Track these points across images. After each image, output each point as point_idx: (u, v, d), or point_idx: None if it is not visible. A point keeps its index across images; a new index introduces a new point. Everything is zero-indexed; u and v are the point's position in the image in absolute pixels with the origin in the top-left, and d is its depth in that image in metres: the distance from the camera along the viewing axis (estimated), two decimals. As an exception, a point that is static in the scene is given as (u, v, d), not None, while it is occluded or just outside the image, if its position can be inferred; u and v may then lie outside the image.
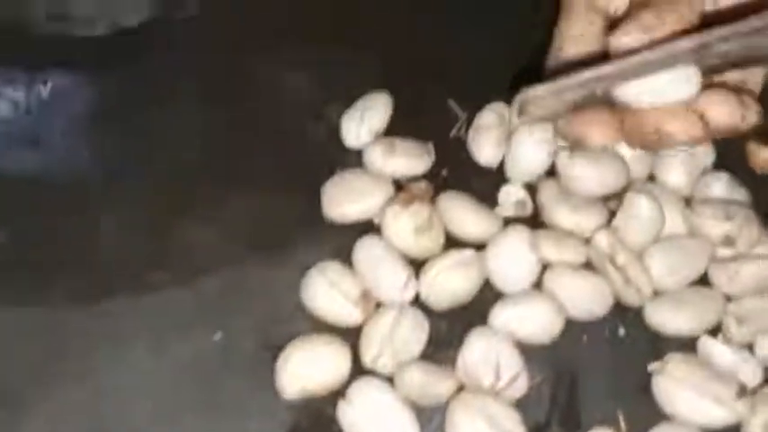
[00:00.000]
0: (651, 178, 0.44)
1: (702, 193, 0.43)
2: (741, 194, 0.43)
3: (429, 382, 0.37)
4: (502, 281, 0.41)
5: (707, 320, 0.40)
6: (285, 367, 0.38)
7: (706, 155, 0.44)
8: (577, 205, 0.43)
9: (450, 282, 0.40)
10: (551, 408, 0.39)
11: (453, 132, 0.46)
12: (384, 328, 0.39)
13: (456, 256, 0.41)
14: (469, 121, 0.46)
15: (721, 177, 0.43)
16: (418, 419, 0.38)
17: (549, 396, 0.40)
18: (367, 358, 0.38)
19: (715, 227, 0.41)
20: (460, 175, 0.45)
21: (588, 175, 0.42)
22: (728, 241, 0.41)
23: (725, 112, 0.37)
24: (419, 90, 0.46)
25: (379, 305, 0.40)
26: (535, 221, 0.43)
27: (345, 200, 0.42)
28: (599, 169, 0.42)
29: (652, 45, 0.37)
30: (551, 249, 0.41)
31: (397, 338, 0.38)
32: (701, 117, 0.37)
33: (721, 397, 0.37)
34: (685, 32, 0.37)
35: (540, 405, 0.39)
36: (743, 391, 0.38)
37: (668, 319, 0.40)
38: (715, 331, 0.41)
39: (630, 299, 0.41)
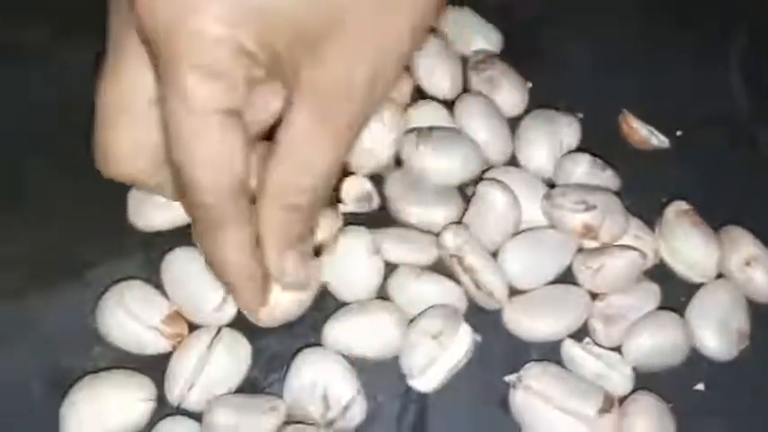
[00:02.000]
0: (513, 161, 0.40)
1: (564, 177, 0.38)
2: (607, 178, 0.38)
3: (246, 423, 0.32)
4: (341, 290, 0.36)
5: (571, 322, 0.36)
6: (71, 413, 0.32)
7: (569, 133, 0.40)
8: (427, 198, 0.38)
9: (276, 294, 0.34)
10: (399, 428, 0.34)
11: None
12: (193, 357, 0.33)
13: None
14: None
15: (582, 160, 0.38)
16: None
17: (394, 418, 0.35)
18: (172, 395, 0.33)
19: (574, 217, 0.36)
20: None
21: (438, 164, 0.37)
22: (590, 232, 0.36)
23: None
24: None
25: (193, 328, 0.35)
26: (382, 218, 0.38)
27: (152, 206, 0.36)
28: (450, 156, 0.38)
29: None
30: (395, 250, 0.36)
31: (210, 369, 0.33)
32: None
33: (583, 413, 0.33)
34: None
35: (384, 429, 0.34)
36: (608, 405, 0.33)
37: (527, 323, 0.36)
38: (582, 333, 0.37)
39: (484, 303, 0.36)
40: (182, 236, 0.36)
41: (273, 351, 0.35)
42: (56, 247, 0.36)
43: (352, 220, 0.38)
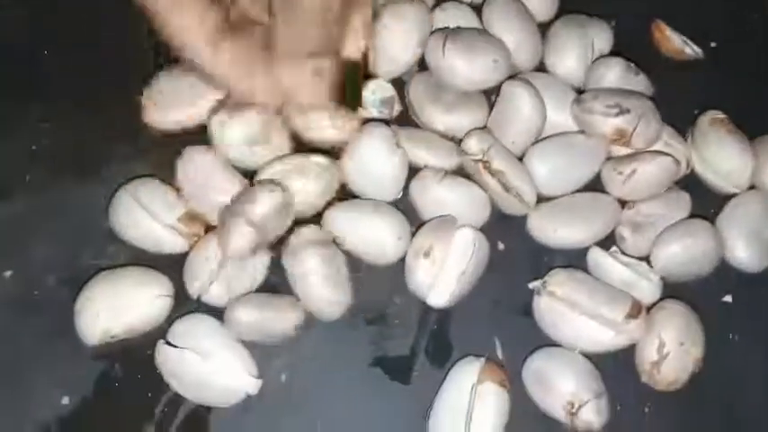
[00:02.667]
0: (541, 68, 0.39)
1: (595, 82, 0.36)
2: (640, 84, 0.36)
3: (268, 318, 0.31)
4: (364, 188, 0.35)
5: (598, 230, 0.35)
6: (85, 307, 0.31)
7: (602, 38, 0.38)
8: (452, 103, 0.37)
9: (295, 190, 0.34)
10: (418, 335, 0.34)
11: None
12: (212, 255, 0.32)
13: (297, 159, 0.34)
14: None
15: (616, 64, 0.36)
16: (258, 361, 0.32)
17: (416, 321, 0.34)
18: (193, 288, 0.32)
19: (607, 121, 0.34)
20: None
21: (464, 66, 0.36)
22: (623, 137, 0.35)
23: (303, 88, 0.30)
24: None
25: (209, 229, 0.34)
26: (404, 124, 0.37)
27: (168, 103, 0.35)
28: (477, 58, 0.36)
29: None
30: (416, 150, 0.35)
31: (230, 266, 0.32)
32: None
33: (610, 318, 0.32)
34: None
35: (406, 332, 0.34)
36: (636, 311, 0.33)
37: (554, 229, 0.35)
38: (608, 241, 0.36)
39: (511, 208, 0.35)
40: (196, 136, 0.35)
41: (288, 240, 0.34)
42: (70, 143, 0.35)
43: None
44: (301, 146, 0.36)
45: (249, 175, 0.35)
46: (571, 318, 0.33)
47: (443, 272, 0.33)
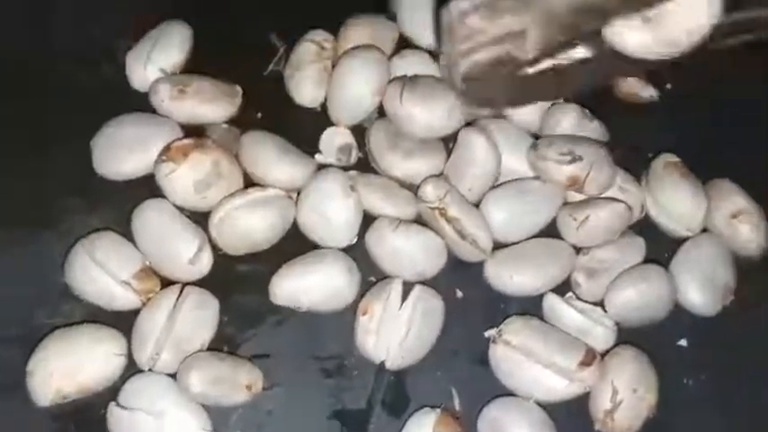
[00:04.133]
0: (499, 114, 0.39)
1: (551, 128, 0.37)
2: (595, 129, 0.37)
3: (222, 377, 0.31)
4: (315, 233, 0.35)
5: (554, 276, 0.35)
6: (37, 368, 0.31)
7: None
8: (410, 149, 0.37)
9: (242, 224, 0.34)
10: (375, 387, 0.34)
11: (271, 68, 0.40)
12: (159, 320, 0.32)
13: (250, 194, 0.34)
14: (289, 55, 0.40)
15: (570, 110, 0.37)
16: (214, 417, 0.32)
17: (373, 373, 0.34)
18: (141, 358, 0.32)
19: (560, 168, 0.35)
20: (279, 116, 0.38)
21: (422, 114, 0.36)
22: (575, 184, 0.35)
23: None
24: (228, 18, 0.39)
25: (166, 284, 0.34)
26: (363, 172, 0.37)
27: (119, 153, 0.35)
28: (435, 106, 0.36)
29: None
30: (375, 200, 0.35)
31: (177, 330, 0.32)
32: None
33: (564, 366, 0.32)
34: None
35: (364, 384, 0.34)
36: (589, 358, 0.33)
37: (510, 276, 0.35)
38: (565, 287, 0.36)
39: (467, 255, 0.35)
40: (153, 185, 0.35)
41: (249, 306, 0.34)
42: (25, 197, 0.35)
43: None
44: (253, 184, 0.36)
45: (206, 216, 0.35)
46: (526, 366, 0.33)
47: (384, 329, 0.33)
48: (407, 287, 0.35)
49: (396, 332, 0.33)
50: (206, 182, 0.34)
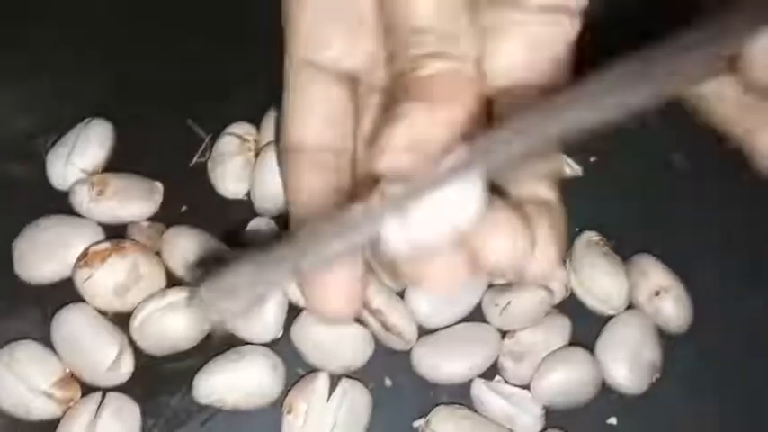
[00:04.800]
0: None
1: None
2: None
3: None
4: (240, 329, 0.35)
5: (480, 362, 0.35)
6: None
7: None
8: (333, 239, 0.37)
9: (162, 326, 0.34)
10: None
11: (195, 160, 0.40)
12: (80, 427, 0.32)
13: (170, 296, 0.34)
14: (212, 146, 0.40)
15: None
16: None
17: (302, 470, 0.34)
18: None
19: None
20: (204, 209, 0.38)
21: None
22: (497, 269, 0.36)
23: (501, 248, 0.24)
24: (151, 112, 0.39)
25: (89, 389, 0.33)
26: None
27: (39, 256, 0.35)
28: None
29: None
30: (300, 294, 0.35)
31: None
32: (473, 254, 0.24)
33: (491, 456, 0.33)
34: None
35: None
36: (516, 446, 0.33)
37: (438, 364, 0.35)
38: (494, 371, 0.36)
39: (393, 344, 0.35)
40: (74, 290, 0.35)
41: (174, 407, 0.34)
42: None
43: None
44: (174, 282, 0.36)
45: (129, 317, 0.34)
46: (454, 457, 0.33)
47: (310, 425, 0.33)
48: (335, 379, 0.35)
49: (323, 429, 0.33)
50: (125, 285, 0.34)
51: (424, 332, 0.36)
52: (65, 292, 0.35)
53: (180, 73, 0.40)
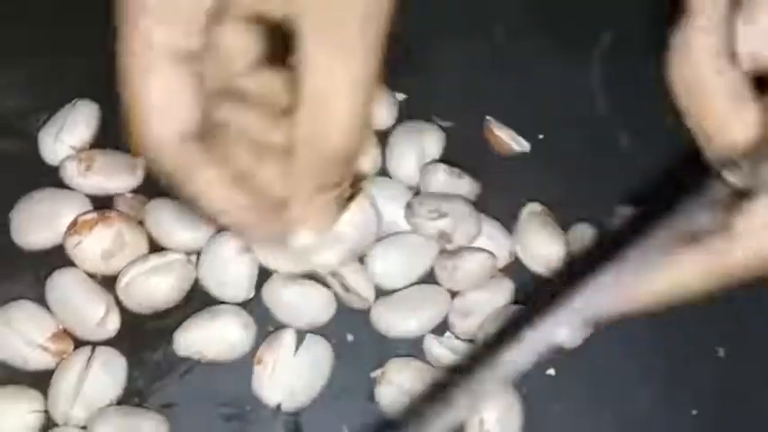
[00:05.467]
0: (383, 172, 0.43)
1: (425, 186, 0.41)
2: (464, 185, 0.41)
3: (127, 430, 0.35)
4: (215, 290, 0.39)
5: (432, 319, 0.39)
6: (-40, 426, 0.35)
7: (432, 143, 0.42)
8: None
9: (146, 287, 0.38)
10: (273, 427, 0.37)
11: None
12: (71, 378, 0.36)
13: (151, 260, 0.38)
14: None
15: (440, 170, 0.41)
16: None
17: (270, 416, 0.38)
18: (56, 415, 0.36)
19: (430, 224, 0.39)
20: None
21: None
22: (444, 237, 0.39)
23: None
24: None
25: (78, 345, 0.37)
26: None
27: (34, 225, 0.39)
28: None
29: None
30: (269, 258, 0.39)
31: (87, 387, 0.36)
32: None
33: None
34: None
35: (262, 426, 0.37)
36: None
37: (394, 321, 0.39)
38: (445, 327, 0.40)
39: (354, 304, 0.39)
40: (65, 255, 0.38)
41: (155, 361, 0.38)
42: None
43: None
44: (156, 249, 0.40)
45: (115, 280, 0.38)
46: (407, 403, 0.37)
47: (277, 376, 0.37)
48: (301, 335, 0.39)
49: (289, 378, 0.37)
50: (111, 251, 0.38)
51: (382, 293, 0.40)
52: (57, 258, 0.39)
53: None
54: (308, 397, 0.38)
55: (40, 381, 0.37)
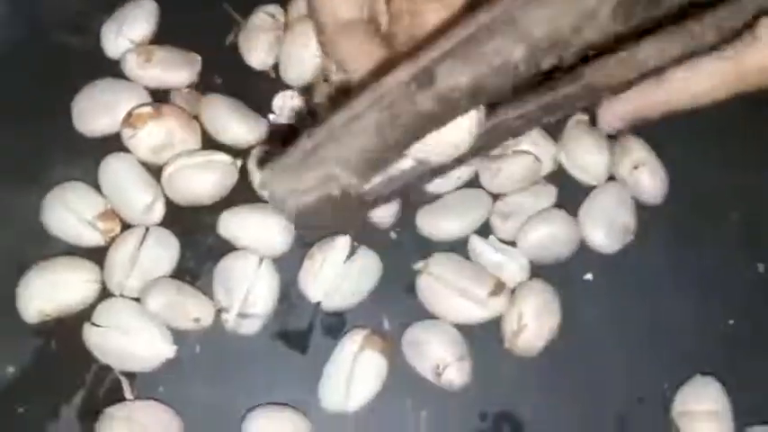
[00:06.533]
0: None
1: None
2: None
3: (179, 301, 0.37)
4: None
5: (474, 220, 0.40)
6: (24, 291, 0.37)
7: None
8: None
9: (188, 181, 0.39)
10: (315, 312, 0.39)
11: (230, 38, 0.45)
12: (126, 251, 0.38)
13: (197, 157, 0.39)
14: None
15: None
16: (174, 334, 0.37)
17: (312, 301, 0.39)
18: (112, 285, 0.38)
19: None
20: (236, 81, 0.43)
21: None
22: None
23: None
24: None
25: (125, 226, 0.39)
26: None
27: (95, 113, 0.40)
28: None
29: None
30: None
31: (143, 260, 0.38)
32: None
33: (476, 294, 0.38)
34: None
35: (305, 310, 0.39)
36: (498, 288, 0.38)
37: (437, 224, 0.40)
38: (487, 227, 0.41)
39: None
40: (120, 141, 0.40)
41: (207, 245, 0.40)
42: (14, 151, 0.40)
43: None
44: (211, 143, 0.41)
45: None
46: (445, 294, 0.38)
47: (323, 276, 0.38)
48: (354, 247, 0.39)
49: (333, 280, 0.38)
50: (162, 146, 0.39)
51: (428, 198, 0.41)
52: (114, 144, 0.40)
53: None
54: (347, 303, 0.39)
55: (95, 256, 0.39)
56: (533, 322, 0.38)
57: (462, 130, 0.28)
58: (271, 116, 0.42)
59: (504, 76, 0.27)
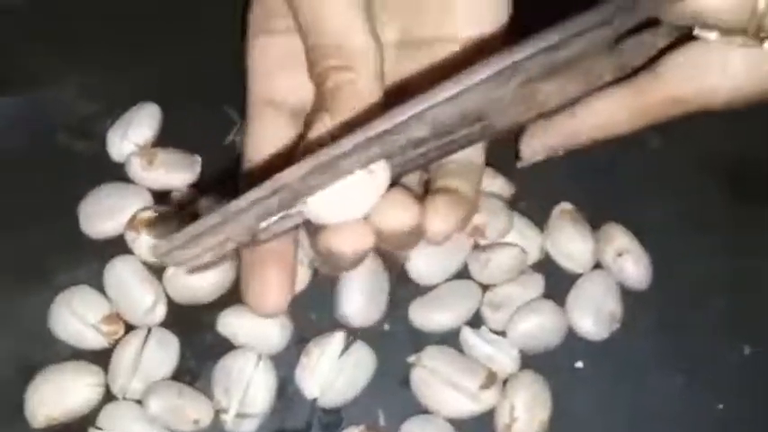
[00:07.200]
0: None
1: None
2: (500, 185, 0.43)
3: (179, 405, 0.38)
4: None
5: (466, 311, 0.42)
6: (32, 396, 0.38)
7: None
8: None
9: (188, 281, 0.40)
10: (313, 409, 0.40)
11: (230, 138, 0.47)
12: (129, 355, 0.39)
13: None
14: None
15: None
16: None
17: (309, 399, 0.40)
18: (115, 388, 0.39)
19: (464, 221, 0.42)
20: (235, 180, 0.45)
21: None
22: (478, 232, 0.42)
23: (393, 216, 0.30)
24: (193, 98, 0.45)
25: (131, 328, 0.41)
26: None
27: (100, 216, 0.42)
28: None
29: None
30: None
31: (145, 362, 0.39)
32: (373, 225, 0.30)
33: (468, 388, 0.39)
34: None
35: (302, 406, 0.40)
36: (489, 381, 0.39)
37: (429, 316, 0.41)
38: (479, 320, 0.42)
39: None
40: (124, 244, 0.42)
41: (207, 344, 0.41)
42: (21, 254, 0.42)
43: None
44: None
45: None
46: (437, 387, 0.39)
47: (319, 372, 0.40)
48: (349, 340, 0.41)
49: (330, 378, 0.40)
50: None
51: (420, 290, 0.42)
52: (119, 246, 0.42)
53: (215, 65, 0.45)
54: (343, 398, 0.40)
55: (98, 359, 0.40)
56: (525, 414, 0.39)
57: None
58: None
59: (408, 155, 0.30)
